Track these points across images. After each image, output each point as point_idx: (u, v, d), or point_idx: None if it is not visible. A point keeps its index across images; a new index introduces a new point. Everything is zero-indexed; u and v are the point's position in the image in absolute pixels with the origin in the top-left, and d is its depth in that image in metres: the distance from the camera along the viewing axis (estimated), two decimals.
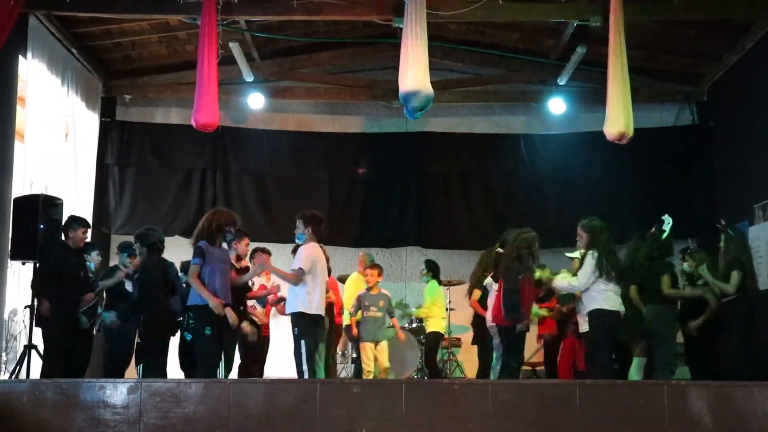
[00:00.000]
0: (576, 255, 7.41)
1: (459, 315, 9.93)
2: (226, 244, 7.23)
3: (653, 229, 7.83)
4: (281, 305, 8.22)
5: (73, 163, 10.07)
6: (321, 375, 7.26)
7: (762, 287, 8.52)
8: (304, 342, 7.04)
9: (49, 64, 9.33)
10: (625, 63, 8.26)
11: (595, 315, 7.07)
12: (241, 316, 7.82)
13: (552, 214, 11.22)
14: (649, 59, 10.93)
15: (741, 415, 5.64)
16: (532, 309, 7.70)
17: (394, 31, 9.89)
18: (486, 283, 8.33)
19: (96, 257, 7.98)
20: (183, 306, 7.35)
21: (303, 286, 7.11)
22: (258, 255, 8.11)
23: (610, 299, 7.03)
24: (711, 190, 10.96)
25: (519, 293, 7.23)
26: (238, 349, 8.04)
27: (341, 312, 9.35)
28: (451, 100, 11.52)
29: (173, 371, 7.58)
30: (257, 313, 8.35)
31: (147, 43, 10.83)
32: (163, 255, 7.67)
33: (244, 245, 8.07)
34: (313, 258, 7.18)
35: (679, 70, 11.23)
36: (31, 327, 7.82)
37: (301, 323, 7.10)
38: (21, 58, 8.82)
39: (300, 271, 7.08)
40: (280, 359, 8.54)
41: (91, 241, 8.41)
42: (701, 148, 11.18)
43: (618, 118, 8.18)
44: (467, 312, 9.12)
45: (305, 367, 6.99)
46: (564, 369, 8.72)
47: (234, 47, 10.14)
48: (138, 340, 7.50)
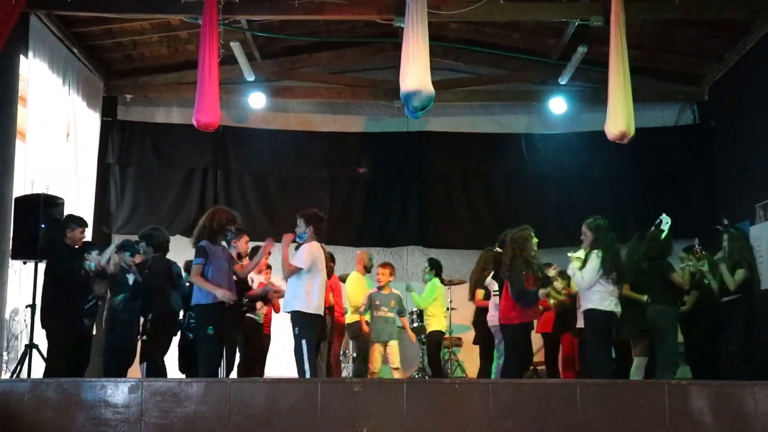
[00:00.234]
0: (578, 255, 7.39)
1: (460, 314, 9.94)
2: (226, 243, 7.24)
3: (652, 229, 7.83)
4: (277, 301, 8.21)
5: (74, 163, 10.05)
6: None
7: (763, 287, 8.52)
8: (305, 341, 7.05)
9: (51, 63, 9.33)
10: (626, 63, 8.25)
11: (591, 315, 7.10)
12: (241, 317, 7.85)
13: (553, 213, 11.21)
14: (650, 59, 10.91)
15: (741, 414, 5.66)
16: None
17: (395, 31, 9.88)
18: (486, 283, 8.34)
19: (96, 257, 7.98)
20: (187, 306, 7.35)
21: (302, 285, 7.12)
22: (268, 240, 7.98)
23: (606, 299, 7.05)
24: (712, 190, 10.94)
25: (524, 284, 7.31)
26: (239, 348, 8.04)
27: (344, 312, 9.34)
28: (452, 99, 11.50)
29: (172, 371, 7.58)
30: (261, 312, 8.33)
31: (148, 43, 10.82)
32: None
33: (244, 243, 8.06)
34: (313, 257, 7.19)
35: (680, 70, 11.21)
36: (32, 326, 7.83)
37: (302, 323, 7.10)
38: (22, 57, 8.81)
39: (297, 270, 7.10)
40: (281, 359, 8.54)
41: (92, 241, 8.40)
42: (702, 147, 11.16)
43: (619, 118, 8.18)
44: (468, 311, 9.12)
45: (306, 366, 6.99)
46: (565, 368, 8.72)
47: (235, 47, 10.14)
48: (144, 338, 7.50)
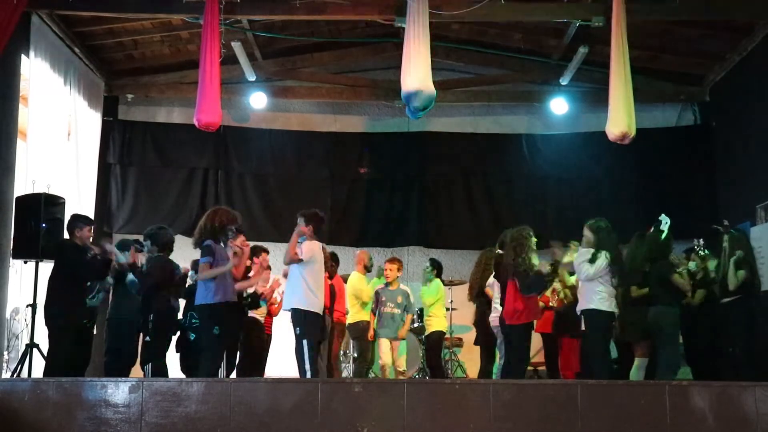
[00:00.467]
0: (582, 251, 7.35)
1: (460, 315, 9.93)
2: (222, 243, 7.24)
3: (651, 230, 7.82)
4: (274, 307, 8.24)
5: (76, 162, 10.06)
6: None
7: (763, 288, 8.51)
8: (305, 341, 7.06)
9: (52, 63, 9.33)
10: (627, 63, 8.24)
11: (590, 315, 7.10)
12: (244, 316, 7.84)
13: (554, 213, 11.21)
14: (651, 59, 10.90)
15: (742, 415, 5.65)
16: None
17: (396, 31, 9.88)
18: (489, 283, 8.33)
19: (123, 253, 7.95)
20: (190, 306, 7.35)
21: (300, 281, 7.14)
22: (274, 281, 8.08)
23: (605, 300, 7.06)
24: (713, 191, 10.93)
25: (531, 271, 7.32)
26: (240, 348, 8.03)
27: (346, 312, 9.33)
28: (453, 99, 11.50)
29: (172, 371, 7.56)
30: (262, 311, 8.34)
31: (149, 43, 10.82)
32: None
33: (240, 242, 8.05)
34: (312, 252, 7.23)
35: (682, 71, 11.20)
36: (33, 326, 7.82)
37: (302, 322, 7.11)
38: (24, 57, 8.81)
39: (297, 259, 7.13)
40: (282, 358, 8.53)
41: (92, 241, 8.39)
42: (703, 148, 11.15)
43: (620, 119, 8.17)
44: (468, 312, 9.11)
45: (307, 366, 7.00)
46: (565, 368, 8.70)
47: (236, 47, 10.15)
48: (147, 338, 7.48)
